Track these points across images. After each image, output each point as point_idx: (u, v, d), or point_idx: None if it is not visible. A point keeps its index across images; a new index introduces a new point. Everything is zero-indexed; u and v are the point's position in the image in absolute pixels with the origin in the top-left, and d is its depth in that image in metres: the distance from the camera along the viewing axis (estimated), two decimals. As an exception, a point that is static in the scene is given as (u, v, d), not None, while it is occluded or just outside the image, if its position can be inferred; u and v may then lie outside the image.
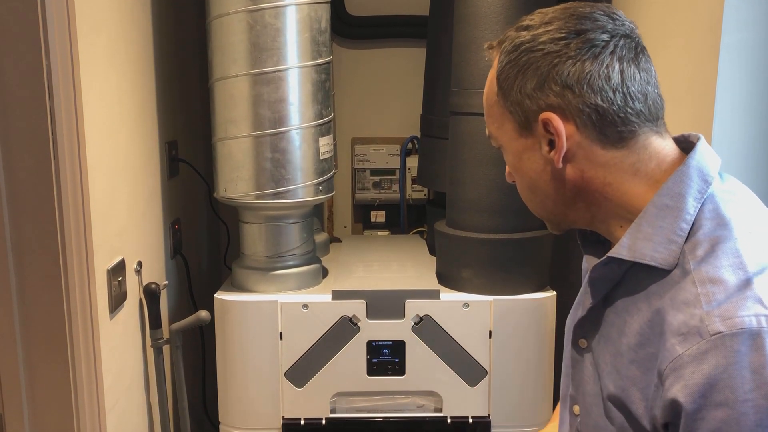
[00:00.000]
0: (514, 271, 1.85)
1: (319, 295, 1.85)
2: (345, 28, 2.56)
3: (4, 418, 1.40)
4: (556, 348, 1.87)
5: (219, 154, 1.84)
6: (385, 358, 1.84)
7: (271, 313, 1.82)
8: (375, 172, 2.62)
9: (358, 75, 2.62)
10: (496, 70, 0.92)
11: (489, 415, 1.87)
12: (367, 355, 1.83)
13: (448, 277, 1.92)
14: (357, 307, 1.82)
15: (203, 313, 1.81)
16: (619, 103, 0.85)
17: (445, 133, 1.98)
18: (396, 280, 1.98)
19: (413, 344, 1.83)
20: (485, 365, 1.85)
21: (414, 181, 2.58)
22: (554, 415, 1.23)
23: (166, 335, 1.86)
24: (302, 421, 1.86)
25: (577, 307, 1.01)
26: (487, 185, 1.83)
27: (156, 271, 1.91)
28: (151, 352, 1.83)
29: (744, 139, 1.45)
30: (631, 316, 0.87)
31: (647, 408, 0.83)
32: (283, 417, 1.86)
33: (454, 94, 1.88)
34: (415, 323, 1.83)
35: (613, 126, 0.86)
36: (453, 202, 1.94)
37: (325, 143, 1.86)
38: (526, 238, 1.85)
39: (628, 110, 0.86)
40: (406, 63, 2.59)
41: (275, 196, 1.81)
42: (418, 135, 2.45)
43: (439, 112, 2.20)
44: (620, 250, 0.88)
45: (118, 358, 1.62)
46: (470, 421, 1.86)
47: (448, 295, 1.85)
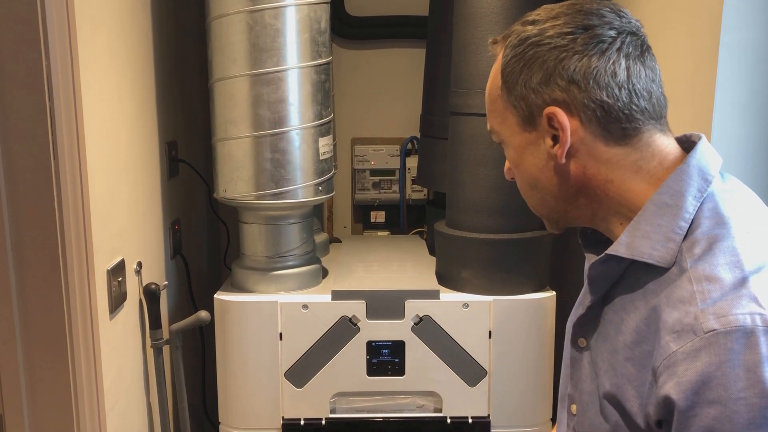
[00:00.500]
0: (514, 272, 1.85)
1: (319, 296, 1.85)
2: (345, 28, 2.56)
3: (4, 418, 1.39)
4: (556, 348, 1.87)
5: (219, 155, 1.84)
6: (384, 358, 1.84)
7: (271, 314, 1.82)
8: (375, 173, 2.62)
9: (358, 75, 2.62)
10: (500, 64, 0.92)
11: (489, 416, 1.87)
12: (367, 356, 1.83)
13: (448, 278, 1.92)
14: (357, 308, 1.82)
15: (203, 314, 1.81)
16: (625, 99, 0.85)
17: (445, 134, 1.98)
18: (396, 281, 1.98)
19: (413, 344, 1.83)
20: (485, 365, 1.85)
21: (414, 182, 2.58)
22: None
23: (166, 335, 1.86)
24: (302, 422, 1.86)
25: (577, 307, 1.01)
26: (486, 185, 1.83)
27: (156, 272, 1.91)
28: (151, 352, 1.83)
29: (743, 138, 1.45)
30: (629, 313, 0.87)
31: (641, 405, 0.83)
32: (283, 417, 1.86)
33: (454, 95, 1.88)
34: (415, 323, 1.83)
35: (618, 123, 0.86)
36: (453, 203, 1.94)
37: (325, 143, 1.86)
38: (525, 238, 1.85)
39: (633, 107, 0.85)
40: (406, 63, 2.59)
41: (275, 196, 1.81)
42: (418, 135, 2.45)
43: (439, 113, 2.20)
44: (618, 247, 0.87)
45: (118, 359, 1.62)
46: (470, 421, 1.86)
47: (448, 296, 1.85)
